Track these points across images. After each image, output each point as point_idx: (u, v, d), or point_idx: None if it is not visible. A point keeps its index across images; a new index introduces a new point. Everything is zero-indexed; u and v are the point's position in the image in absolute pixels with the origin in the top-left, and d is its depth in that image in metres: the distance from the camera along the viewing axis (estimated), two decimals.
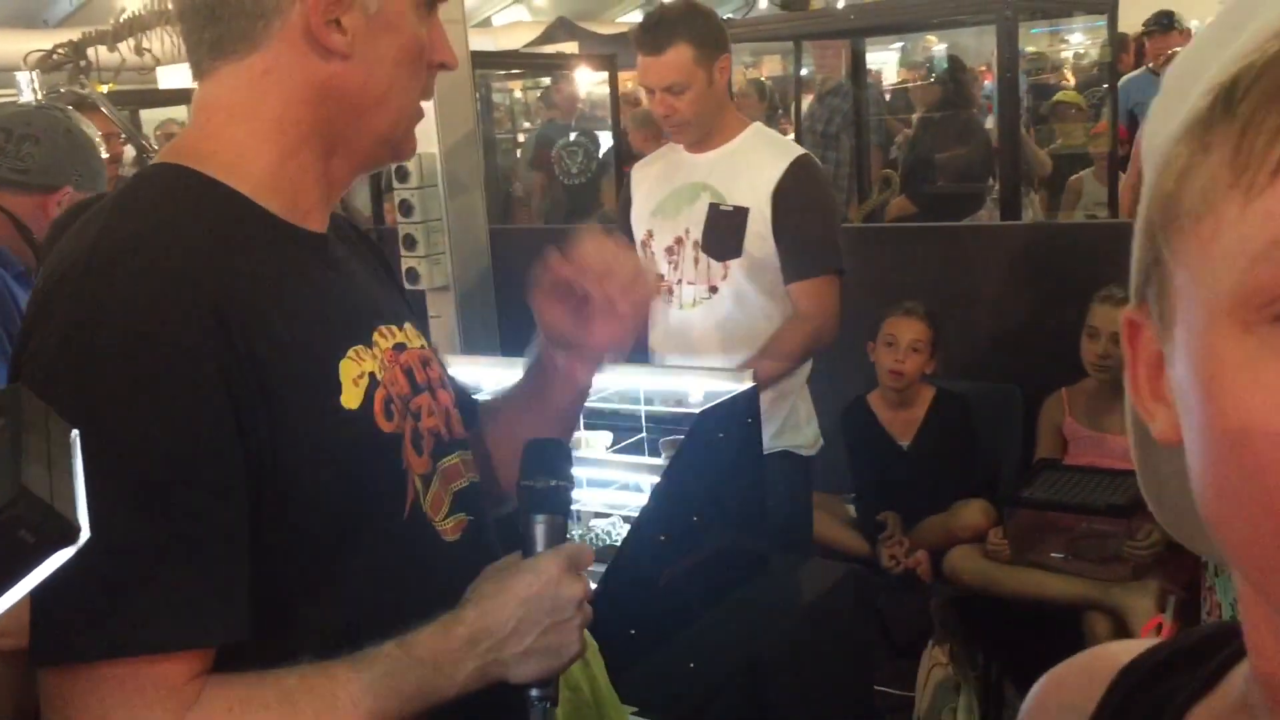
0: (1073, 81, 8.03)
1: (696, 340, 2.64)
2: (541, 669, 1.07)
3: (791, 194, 2.55)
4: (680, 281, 2.66)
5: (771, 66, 10.44)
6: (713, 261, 2.61)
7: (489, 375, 2.74)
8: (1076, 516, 2.87)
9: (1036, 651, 3.25)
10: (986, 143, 5.47)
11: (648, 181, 2.79)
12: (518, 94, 9.32)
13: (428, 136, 4.08)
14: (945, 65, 6.55)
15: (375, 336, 1.07)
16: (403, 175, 4.00)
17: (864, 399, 3.37)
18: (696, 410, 2.24)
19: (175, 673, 0.90)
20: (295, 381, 0.97)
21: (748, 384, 2.28)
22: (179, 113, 7.41)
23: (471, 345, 3.98)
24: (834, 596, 2.33)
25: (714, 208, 2.60)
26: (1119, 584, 2.72)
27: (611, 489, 2.32)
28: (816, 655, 2.28)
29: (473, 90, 4.27)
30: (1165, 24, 6.09)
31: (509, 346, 4.02)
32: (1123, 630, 2.68)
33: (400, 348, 1.10)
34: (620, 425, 2.46)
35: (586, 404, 2.44)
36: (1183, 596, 2.70)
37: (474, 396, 1.39)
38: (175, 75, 6.60)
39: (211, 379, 0.91)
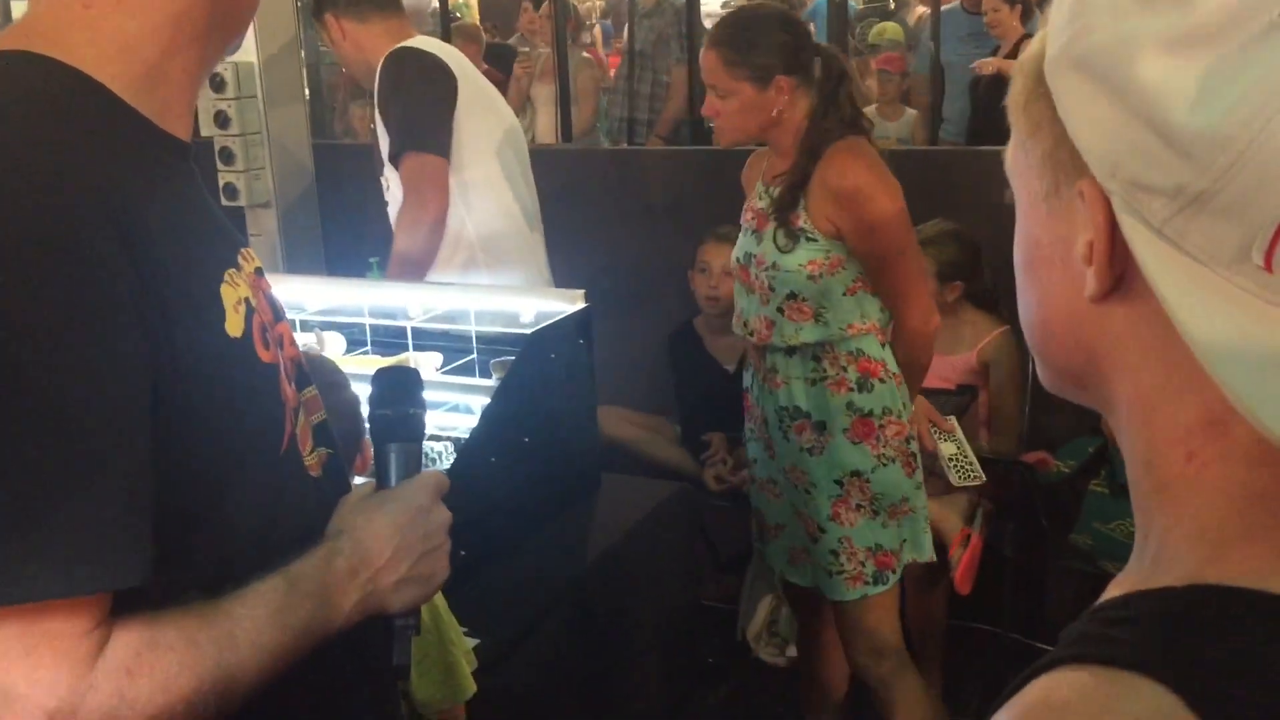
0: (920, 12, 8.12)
1: None
2: (415, 597, 1.05)
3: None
4: None
5: None
6: None
7: (314, 294, 2.66)
8: None
9: None
10: None
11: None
12: None
13: (245, 45, 3.88)
14: None
15: (240, 259, 1.00)
16: (218, 85, 3.80)
17: (690, 324, 3.41)
18: (528, 331, 2.23)
19: (79, 622, 0.81)
20: (185, 306, 0.89)
21: (580, 304, 2.27)
22: None
23: (295, 264, 3.85)
24: (662, 514, 2.37)
25: None
26: (933, 499, 2.85)
27: (441, 411, 2.29)
28: (645, 571, 2.32)
29: None
30: None
31: (334, 265, 3.91)
32: (935, 539, 2.81)
33: (260, 272, 1.04)
34: (450, 347, 2.43)
35: (416, 324, 2.41)
36: (990, 508, 2.85)
37: None
38: None
39: (122, 295, 0.82)
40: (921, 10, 6.31)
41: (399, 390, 1.13)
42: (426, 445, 2.34)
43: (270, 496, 0.98)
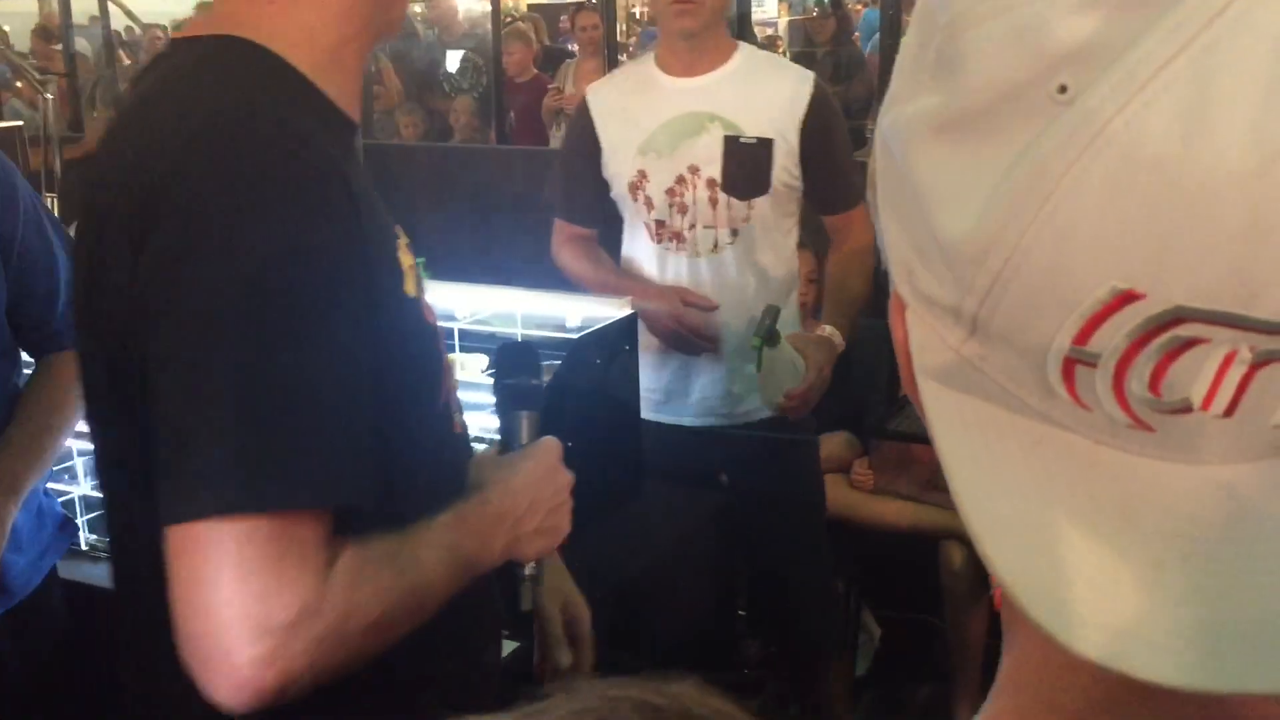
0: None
1: (723, 288, 2.36)
2: (543, 547, 1.18)
3: (820, 121, 2.32)
4: (694, 226, 2.34)
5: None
6: (734, 201, 2.31)
7: None
8: None
9: (894, 577, 3.38)
10: (868, 80, 5.52)
11: (617, 111, 2.39)
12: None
13: None
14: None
15: (396, 228, 1.10)
16: None
17: None
18: (574, 335, 2.23)
19: (319, 532, 0.90)
20: (381, 263, 1.00)
21: (626, 310, 2.27)
22: None
23: None
24: (702, 524, 2.36)
25: (732, 140, 2.28)
26: None
27: (485, 413, 2.29)
28: (684, 581, 2.32)
29: None
30: None
31: None
32: (976, 558, 2.78)
33: (408, 244, 1.12)
34: (496, 349, 2.43)
35: (463, 326, 2.42)
36: None
37: None
38: None
39: (358, 245, 0.94)
40: None
41: (523, 363, 1.26)
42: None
43: (434, 443, 1.10)
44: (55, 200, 3.89)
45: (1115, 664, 0.35)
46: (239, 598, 0.86)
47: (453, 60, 6.73)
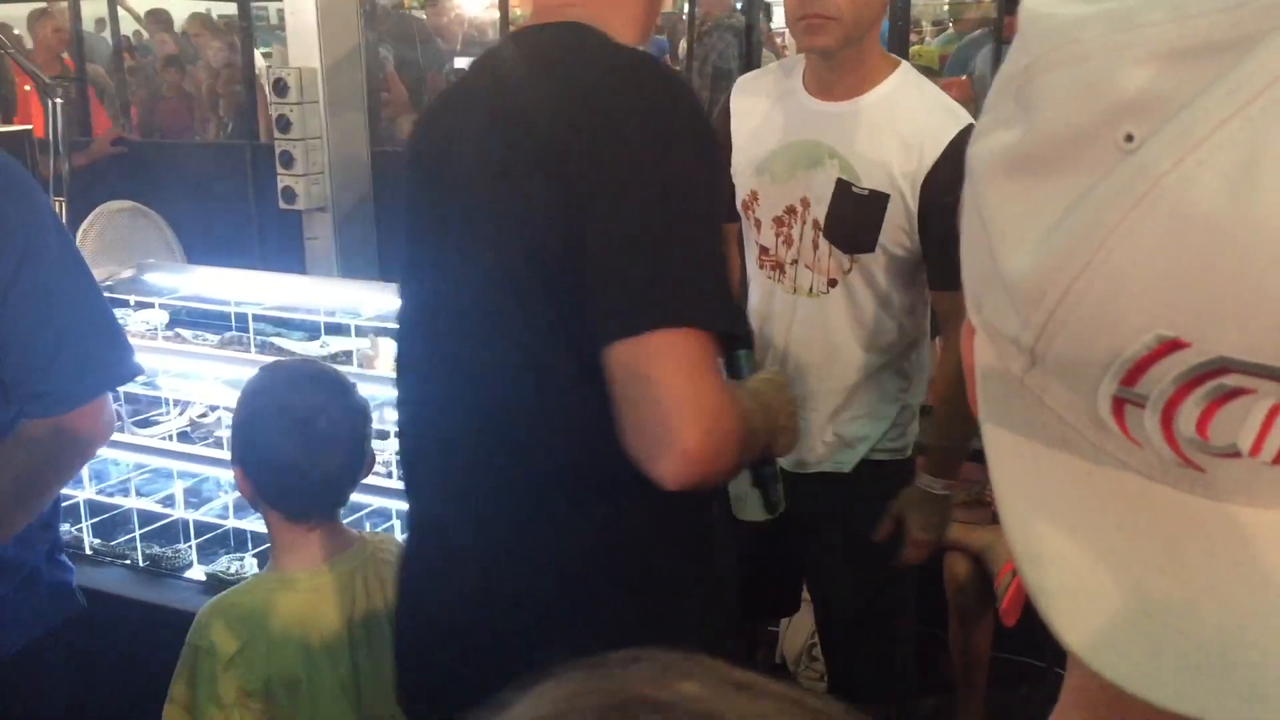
0: (951, 31, 8.12)
1: (816, 335, 2.09)
2: (785, 446, 1.48)
3: (948, 176, 1.91)
4: (796, 263, 2.07)
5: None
6: (836, 249, 2.02)
7: (369, 300, 2.68)
8: None
9: None
10: None
11: (754, 117, 2.11)
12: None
13: (309, 51, 3.93)
14: None
15: None
16: (281, 89, 3.86)
17: None
18: None
19: (716, 351, 1.23)
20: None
21: None
22: None
23: (350, 269, 3.89)
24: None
25: (844, 186, 1.98)
26: (980, 527, 2.82)
27: None
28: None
29: (359, 4, 4.13)
30: None
31: (388, 271, 3.94)
32: (980, 570, 2.78)
33: None
34: None
35: None
36: None
37: None
38: None
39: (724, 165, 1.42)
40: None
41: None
42: None
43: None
44: (64, 205, 3.90)
45: (1133, 688, 0.36)
46: (688, 389, 1.17)
47: (461, 67, 6.75)
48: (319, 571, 1.68)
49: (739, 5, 5.86)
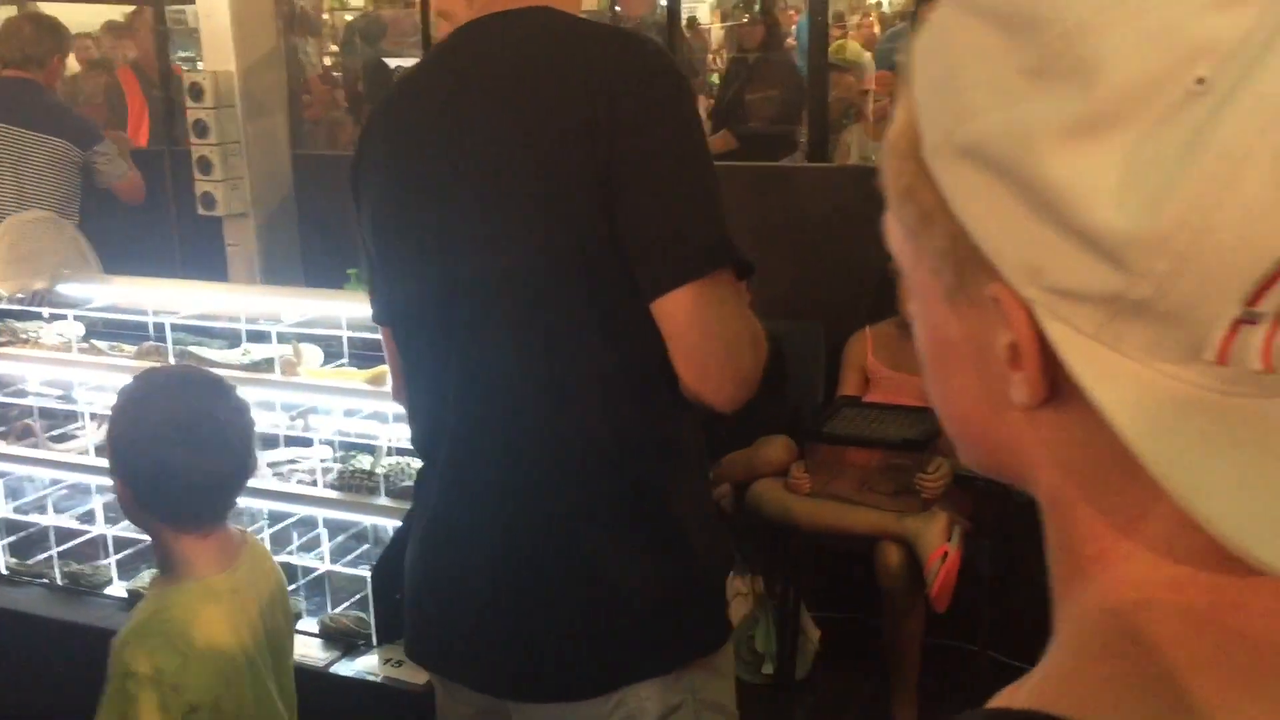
0: (877, 30, 8.19)
1: None
2: None
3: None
4: None
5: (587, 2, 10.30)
6: None
7: (291, 306, 2.64)
8: (872, 451, 2.99)
9: (833, 577, 3.38)
10: (799, 85, 5.55)
11: None
12: (326, 16, 8.91)
13: (225, 53, 3.86)
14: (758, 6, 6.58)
15: None
16: (196, 94, 3.78)
17: None
18: None
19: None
20: None
21: None
22: None
23: (273, 275, 3.82)
24: None
25: None
26: (910, 515, 2.85)
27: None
28: None
29: (274, 6, 4.06)
30: None
31: (312, 277, 3.89)
32: (912, 558, 2.81)
33: None
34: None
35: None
36: (967, 526, 2.85)
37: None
38: None
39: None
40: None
41: None
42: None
43: None
44: None
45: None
46: (737, 324, 1.34)
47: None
48: (232, 574, 1.66)
49: (664, 2, 5.86)
